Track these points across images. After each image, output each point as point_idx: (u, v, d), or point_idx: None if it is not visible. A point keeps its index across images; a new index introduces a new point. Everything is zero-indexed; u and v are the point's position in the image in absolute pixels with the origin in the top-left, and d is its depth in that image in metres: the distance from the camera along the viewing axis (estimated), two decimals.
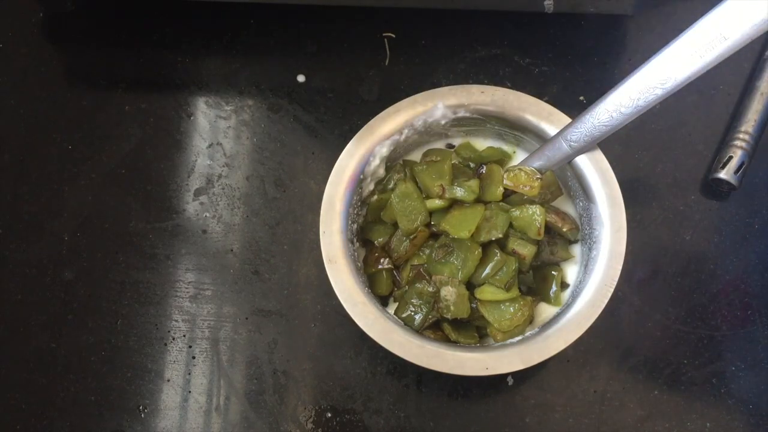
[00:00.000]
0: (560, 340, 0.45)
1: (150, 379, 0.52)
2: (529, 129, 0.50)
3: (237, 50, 0.60)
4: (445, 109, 0.50)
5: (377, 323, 0.46)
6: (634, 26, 0.60)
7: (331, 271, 0.47)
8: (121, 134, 0.58)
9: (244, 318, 0.53)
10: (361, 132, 0.50)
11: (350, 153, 0.49)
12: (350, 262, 0.48)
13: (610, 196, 0.48)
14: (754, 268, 0.54)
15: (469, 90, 0.50)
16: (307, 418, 0.51)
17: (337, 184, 0.49)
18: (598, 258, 0.47)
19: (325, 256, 0.47)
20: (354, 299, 0.46)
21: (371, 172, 0.50)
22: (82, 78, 0.60)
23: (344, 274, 0.47)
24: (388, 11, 0.58)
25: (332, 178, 0.49)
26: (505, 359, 0.45)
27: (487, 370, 0.45)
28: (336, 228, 0.48)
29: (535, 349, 0.45)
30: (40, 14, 0.61)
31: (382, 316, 0.46)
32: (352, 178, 0.49)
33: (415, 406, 0.51)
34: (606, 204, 0.48)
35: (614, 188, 0.48)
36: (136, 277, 0.54)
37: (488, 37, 0.59)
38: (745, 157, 0.55)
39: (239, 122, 0.58)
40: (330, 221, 0.48)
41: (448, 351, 0.46)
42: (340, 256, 0.47)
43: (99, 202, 0.56)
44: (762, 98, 0.56)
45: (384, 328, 0.46)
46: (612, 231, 0.47)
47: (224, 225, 0.55)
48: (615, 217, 0.48)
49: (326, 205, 0.49)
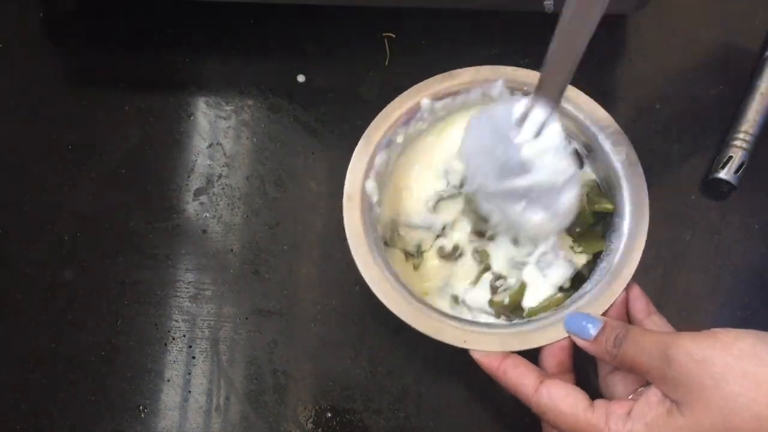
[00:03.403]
0: (543, 337, 0.46)
1: (150, 379, 0.52)
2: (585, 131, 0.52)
3: (237, 50, 0.60)
4: (503, 88, 0.52)
5: (374, 269, 0.47)
6: (634, 26, 0.60)
7: (347, 209, 0.49)
8: (121, 134, 0.58)
9: (244, 318, 0.53)
10: (413, 88, 0.52)
11: (401, 102, 0.51)
12: (366, 206, 0.49)
13: (637, 213, 0.49)
14: (754, 268, 0.54)
15: (533, 75, 0.51)
16: (307, 418, 0.51)
17: (376, 128, 0.51)
18: (609, 270, 0.48)
19: (345, 193, 0.49)
20: (358, 240, 0.48)
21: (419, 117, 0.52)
22: (82, 78, 0.60)
23: (356, 214, 0.48)
24: (388, 11, 0.58)
25: (375, 122, 0.51)
26: (486, 338, 0.46)
27: (465, 344, 0.46)
28: (362, 168, 0.50)
29: (519, 338, 0.46)
30: (40, 14, 0.61)
31: (380, 264, 0.47)
32: (395, 124, 0.51)
33: (415, 406, 0.51)
34: (629, 221, 0.49)
35: (644, 209, 0.49)
36: (136, 277, 0.54)
37: (488, 37, 0.59)
38: (745, 157, 0.55)
39: (239, 122, 0.58)
40: (359, 161, 0.50)
41: (433, 315, 0.47)
42: (357, 197, 0.49)
43: (99, 202, 0.56)
44: (762, 98, 0.56)
45: (379, 276, 0.47)
46: (626, 251, 0.48)
47: (224, 225, 0.55)
48: (636, 237, 0.48)
49: (362, 144, 0.50)
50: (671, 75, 0.59)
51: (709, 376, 0.38)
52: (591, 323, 0.44)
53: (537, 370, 0.45)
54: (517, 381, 0.44)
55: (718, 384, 0.38)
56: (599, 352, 0.44)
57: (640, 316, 0.47)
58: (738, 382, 0.37)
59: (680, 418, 0.39)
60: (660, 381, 0.40)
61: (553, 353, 0.46)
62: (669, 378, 0.39)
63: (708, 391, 0.38)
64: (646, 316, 0.47)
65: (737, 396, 0.37)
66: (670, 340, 0.40)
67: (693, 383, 0.38)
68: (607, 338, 0.43)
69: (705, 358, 0.38)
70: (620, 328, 0.43)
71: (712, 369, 0.38)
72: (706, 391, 0.38)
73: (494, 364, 0.45)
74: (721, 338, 0.39)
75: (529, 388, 0.44)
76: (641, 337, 0.42)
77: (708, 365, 0.38)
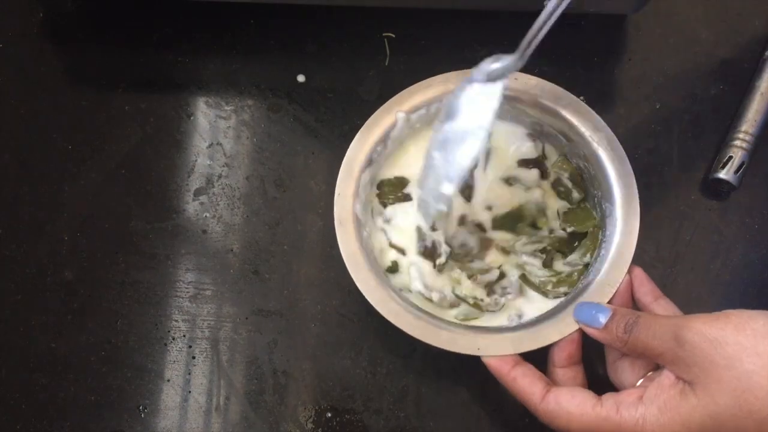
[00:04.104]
0: (555, 332, 0.46)
1: (150, 379, 0.52)
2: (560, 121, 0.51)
3: (237, 50, 0.60)
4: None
5: (378, 290, 0.47)
6: (634, 26, 0.60)
7: (340, 234, 0.48)
8: (121, 134, 0.58)
9: (244, 318, 0.53)
10: (388, 102, 0.51)
11: (376, 119, 0.51)
12: (358, 228, 0.49)
13: (627, 198, 0.49)
14: (754, 268, 0.54)
15: None
16: (307, 418, 0.51)
17: (358, 150, 0.50)
18: (606, 258, 0.48)
19: (336, 218, 0.49)
20: (358, 265, 0.48)
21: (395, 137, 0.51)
22: (82, 78, 0.60)
23: (351, 238, 0.48)
24: (388, 11, 0.58)
25: (354, 144, 0.50)
26: (497, 342, 0.46)
27: (479, 351, 0.46)
28: (350, 192, 0.49)
29: (529, 338, 0.46)
30: (40, 14, 0.61)
31: (382, 284, 0.47)
32: (374, 144, 0.51)
33: (415, 406, 0.51)
34: (621, 205, 0.49)
35: (633, 192, 0.49)
36: (136, 277, 0.54)
37: (488, 37, 0.59)
38: (745, 157, 0.55)
39: (239, 122, 0.58)
40: (346, 185, 0.49)
41: (443, 326, 0.46)
42: (350, 221, 0.49)
43: (99, 202, 0.56)
44: (762, 98, 0.56)
45: (383, 296, 0.47)
46: (623, 234, 0.48)
47: (224, 225, 0.55)
48: (629, 220, 0.48)
49: (345, 168, 0.50)
50: (671, 75, 0.59)
51: (722, 355, 0.38)
52: (600, 312, 0.44)
53: (544, 380, 0.45)
54: (526, 389, 0.45)
55: (731, 363, 0.38)
56: (610, 339, 0.44)
57: (647, 300, 0.47)
58: (751, 361, 0.38)
59: (694, 398, 0.39)
60: (673, 363, 0.40)
61: (562, 347, 0.46)
62: (682, 359, 0.40)
63: (721, 370, 0.38)
64: (653, 300, 0.47)
65: (751, 374, 0.38)
66: (681, 323, 0.40)
67: (706, 363, 0.39)
68: (617, 325, 0.43)
69: (718, 338, 0.39)
70: (630, 315, 0.43)
71: (725, 349, 0.38)
72: (720, 371, 0.38)
73: (504, 369, 0.46)
74: (733, 319, 0.39)
75: (536, 396, 0.44)
76: (652, 321, 0.42)
77: (721, 345, 0.39)
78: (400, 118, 0.51)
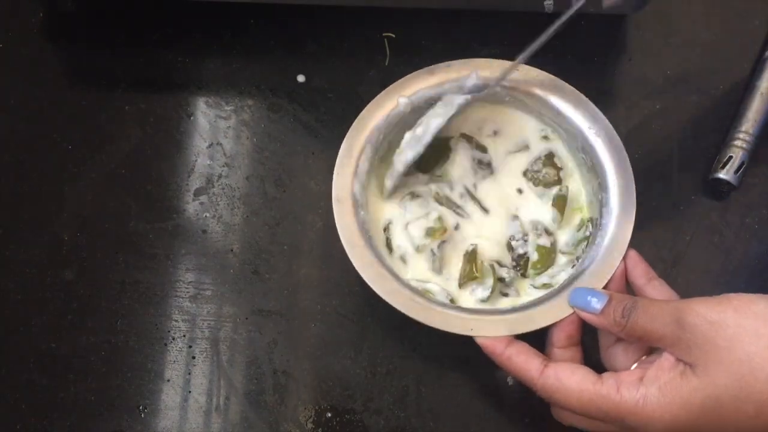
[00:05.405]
0: (550, 315, 0.46)
1: (150, 379, 0.52)
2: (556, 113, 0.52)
3: (237, 50, 0.60)
4: (478, 80, 0.52)
5: (372, 267, 0.47)
6: (634, 26, 0.60)
7: (337, 211, 0.49)
8: (121, 134, 0.58)
9: (244, 318, 0.53)
10: (390, 87, 0.52)
11: (377, 103, 0.52)
12: (356, 207, 0.49)
13: (623, 187, 0.49)
14: (754, 268, 0.54)
15: (505, 65, 0.52)
16: (307, 418, 0.51)
17: (358, 131, 0.51)
18: (602, 245, 0.48)
19: (334, 196, 0.49)
20: (354, 241, 0.48)
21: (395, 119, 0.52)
22: (82, 78, 0.60)
23: (349, 216, 0.49)
24: (388, 11, 0.58)
25: (355, 125, 0.51)
26: (492, 324, 0.46)
27: (472, 331, 0.46)
28: (349, 171, 0.50)
29: (524, 320, 0.46)
30: (40, 14, 0.61)
31: (378, 262, 0.48)
32: (374, 128, 0.51)
33: (415, 406, 0.51)
34: (617, 194, 0.49)
35: (629, 178, 0.49)
36: (136, 277, 0.54)
37: (488, 37, 0.59)
38: (745, 157, 0.55)
39: (239, 122, 0.58)
40: (345, 164, 0.50)
41: (437, 308, 0.47)
42: (348, 199, 0.49)
43: (99, 202, 0.56)
44: (762, 98, 0.56)
45: (378, 273, 0.47)
46: (619, 222, 0.48)
47: (224, 225, 0.55)
48: (625, 208, 0.49)
49: (344, 148, 0.51)
50: (671, 75, 0.59)
51: (723, 337, 0.38)
52: (595, 297, 0.45)
53: (541, 356, 0.45)
54: (522, 366, 0.44)
55: (732, 345, 0.38)
56: (606, 324, 0.44)
57: (641, 282, 0.47)
58: (752, 342, 0.38)
59: (694, 380, 0.39)
60: (673, 346, 0.40)
61: (562, 327, 0.46)
62: (683, 341, 0.40)
63: (722, 351, 0.38)
64: (646, 282, 0.47)
65: (751, 356, 0.38)
66: (682, 306, 0.41)
67: (707, 345, 0.39)
68: (615, 310, 0.43)
69: (719, 320, 0.39)
70: (627, 300, 0.43)
71: (726, 330, 0.39)
72: (721, 352, 0.38)
73: (498, 349, 0.45)
74: (734, 302, 0.40)
75: (534, 371, 0.44)
76: (650, 305, 0.42)
77: (722, 327, 0.39)
78: (402, 103, 0.52)
